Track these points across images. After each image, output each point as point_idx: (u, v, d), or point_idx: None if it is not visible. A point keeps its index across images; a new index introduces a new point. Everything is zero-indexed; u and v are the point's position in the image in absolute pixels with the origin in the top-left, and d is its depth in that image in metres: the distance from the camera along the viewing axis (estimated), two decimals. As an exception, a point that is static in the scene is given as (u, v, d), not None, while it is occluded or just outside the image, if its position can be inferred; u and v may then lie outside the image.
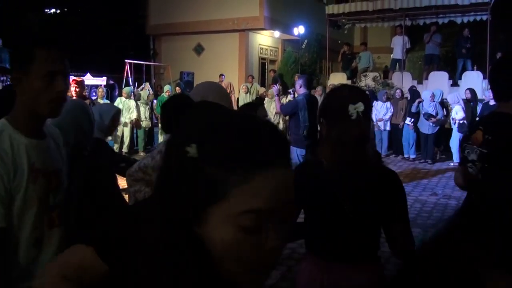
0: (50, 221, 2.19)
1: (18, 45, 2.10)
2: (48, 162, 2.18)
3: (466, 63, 17.21)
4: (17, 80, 2.06)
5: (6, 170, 2.00)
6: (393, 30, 20.76)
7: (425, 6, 17.25)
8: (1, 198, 1.97)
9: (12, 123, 2.10)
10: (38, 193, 2.10)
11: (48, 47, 2.07)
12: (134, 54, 21.68)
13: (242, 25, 20.86)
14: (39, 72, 2.02)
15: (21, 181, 2.04)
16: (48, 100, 2.05)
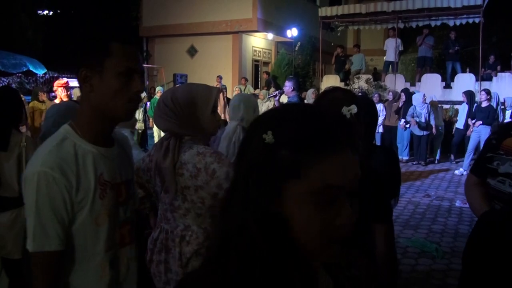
0: (122, 238, 1.97)
1: (90, 39, 1.87)
2: (117, 172, 1.94)
3: (455, 66, 17.29)
4: (86, 78, 1.81)
5: (67, 186, 1.73)
6: (386, 33, 20.83)
7: (417, 9, 17.30)
8: (60, 218, 1.73)
9: (77, 129, 1.85)
10: (107, 208, 1.86)
11: (125, 41, 1.85)
12: (127, 56, 21.59)
13: (235, 27, 20.87)
14: (115, 69, 1.79)
15: (86, 196, 1.79)
16: (125, 100, 1.82)
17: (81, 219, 1.78)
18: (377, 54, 23.02)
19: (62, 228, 1.74)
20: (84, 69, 1.80)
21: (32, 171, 1.72)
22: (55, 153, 1.75)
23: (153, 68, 23.03)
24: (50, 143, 1.80)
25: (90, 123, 1.86)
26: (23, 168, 3.56)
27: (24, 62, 15.94)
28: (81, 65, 1.82)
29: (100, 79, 1.79)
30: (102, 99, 1.81)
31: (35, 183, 1.69)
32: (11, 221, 3.61)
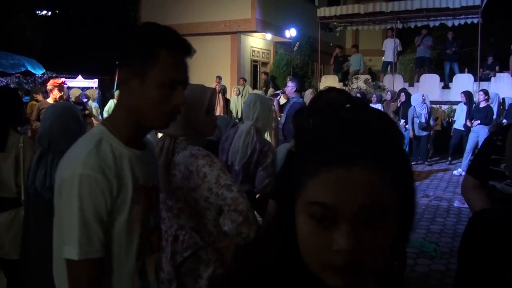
0: (151, 245, 1.90)
1: (138, 42, 1.73)
2: (149, 177, 1.87)
3: (453, 66, 17.32)
4: (126, 80, 1.72)
5: (109, 189, 1.65)
6: (385, 33, 20.86)
7: (416, 9, 17.32)
8: (103, 223, 1.64)
9: (112, 130, 1.76)
10: (140, 214, 1.78)
11: (175, 51, 1.74)
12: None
13: (234, 27, 20.86)
14: (159, 78, 1.68)
15: (125, 201, 1.71)
16: (162, 112, 1.73)
17: (119, 225, 1.71)
18: (376, 54, 23.03)
19: (104, 234, 1.65)
20: (125, 71, 1.72)
21: (72, 173, 1.62)
22: (95, 154, 1.66)
23: (151, 69, 23.01)
24: (86, 143, 1.71)
25: (126, 125, 1.77)
26: (20, 169, 3.55)
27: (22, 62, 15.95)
28: (122, 65, 1.74)
29: (140, 85, 1.70)
30: (139, 105, 1.72)
31: (77, 185, 1.60)
32: (9, 222, 3.61)
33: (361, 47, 21.64)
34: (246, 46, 22.40)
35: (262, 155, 3.79)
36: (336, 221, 0.85)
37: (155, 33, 1.73)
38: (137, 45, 1.73)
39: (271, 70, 22.26)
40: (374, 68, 23.16)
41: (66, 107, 3.06)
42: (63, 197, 1.64)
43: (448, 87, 16.85)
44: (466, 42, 19.01)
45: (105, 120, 1.83)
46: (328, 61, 21.30)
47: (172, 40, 1.73)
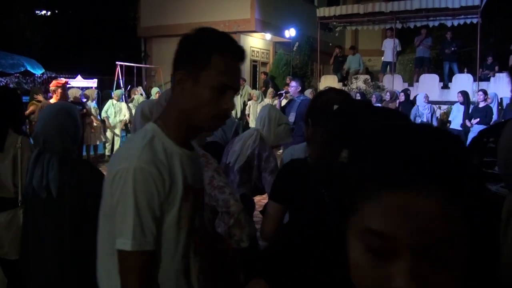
0: (196, 246, 1.91)
1: (195, 45, 1.81)
2: (197, 177, 1.91)
3: (452, 66, 17.33)
4: (181, 82, 1.78)
5: (162, 184, 1.68)
6: (384, 33, 20.86)
7: (415, 9, 17.33)
8: (155, 215, 1.67)
9: (163, 128, 1.81)
10: (188, 213, 1.81)
11: (230, 56, 1.80)
12: (125, 56, 21.61)
13: (233, 27, 20.85)
14: (211, 81, 1.74)
15: (175, 198, 1.74)
16: (211, 114, 1.77)
17: (168, 221, 1.74)
18: (375, 54, 23.05)
19: (156, 227, 1.69)
20: (181, 72, 1.78)
21: (126, 166, 1.66)
22: (149, 150, 1.70)
23: (151, 69, 23.01)
24: (139, 140, 1.75)
25: (177, 125, 1.82)
26: (18, 169, 3.56)
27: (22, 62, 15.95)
28: (179, 67, 1.80)
29: (193, 86, 1.75)
30: (189, 106, 1.77)
31: (132, 178, 1.63)
32: (8, 222, 3.61)
33: (360, 47, 21.69)
34: (246, 46, 22.39)
35: (264, 161, 3.76)
36: (396, 254, 0.71)
37: (212, 38, 1.80)
38: (194, 49, 1.79)
39: (271, 70, 22.28)
40: (374, 68, 23.17)
41: (62, 107, 3.05)
42: (116, 190, 1.67)
43: (447, 87, 16.86)
44: (465, 42, 19.03)
45: (158, 119, 1.87)
46: (327, 61, 21.31)
47: (227, 45, 1.80)
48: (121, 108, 14.14)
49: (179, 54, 1.84)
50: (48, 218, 2.83)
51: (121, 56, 20.97)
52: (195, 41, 1.82)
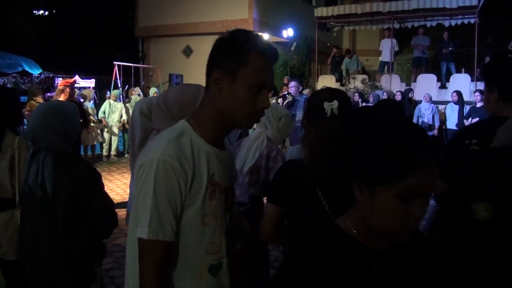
0: (227, 246, 1.93)
1: (234, 45, 1.83)
2: (226, 176, 1.94)
3: (450, 66, 17.36)
4: (218, 81, 1.81)
5: (184, 178, 1.73)
6: (382, 33, 20.88)
7: (413, 9, 17.35)
8: (175, 209, 1.73)
9: (194, 125, 1.86)
10: (215, 210, 1.85)
11: (266, 56, 1.83)
12: (122, 56, 21.60)
13: (231, 27, 20.12)
14: (249, 80, 1.77)
15: (198, 193, 1.79)
16: (248, 113, 1.81)
17: (190, 215, 1.77)
18: (373, 54, 23.07)
19: (175, 220, 1.73)
20: (218, 72, 1.81)
21: (151, 158, 1.72)
22: (174, 144, 1.75)
23: (148, 68, 23.01)
24: (167, 135, 1.81)
25: (210, 124, 1.85)
26: (15, 170, 3.55)
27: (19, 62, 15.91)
28: (215, 67, 1.84)
29: (230, 85, 1.78)
30: (227, 105, 1.80)
31: (154, 169, 1.70)
32: (5, 222, 3.60)
33: (358, 47, 21.71)
34: (244, 46, 22.38)
35: (272, 160, 3.74)
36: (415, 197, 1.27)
37: (249, 38, 1.83)
38: (231, 48, 1.82)
39: (269, 70, 22.27)
40: (372, 68, 23.19)
41: (50, 105, 3.05)
42: (140, 181, 1.73)
43: (445, 87, 16.88)
44: (463, 42, 19.07)
45: (190, 117, 1.90)
46: (325, 61, 21.32)
47: (264, 45, 1.84)
48: (118, 108, 14.12)
49: (215, 54, 1.88)
50: (43, 216, 2.84)
51: (119, 56, 20.97)
52: (232, 41, 1.85)
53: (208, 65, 1.89)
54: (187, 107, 2.63)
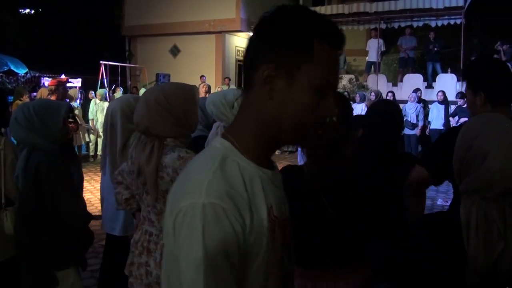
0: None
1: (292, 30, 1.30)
2: (283, 204, 1.41)
3: (436, 66, 17.46)
4: (267, 80, 1.29)
5: (241, 220, 1.19)
6: (369, 33, 20.94)
7: (400, 10, 17.43)
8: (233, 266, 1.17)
9: (238, 145, 1.32)
10: (278, 254, 1.33)
11: (335, 46, 1.34)
12: (109, 55, 21.48)
13: (218, 27, 20.82)
14: (313, 78, 1.28)
15: (260, 236, 1.24)
16: (308, 122, 1.30)
17: (253, 270, 1.24)
18: (360, 54, 23.08)
19: (236, 283, 1.19)
20: (268, 67, 1.29)
21: (191, 203, 1.17)
22: (221, 177, 1.22)
23: (135, 68, 22.92)
24: (206, 163, 1.27)
25: (256, 138, 1.34)
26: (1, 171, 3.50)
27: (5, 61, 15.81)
28: (262, 60, 1.31)
29: (287, 86, 1.28)
30: (281, 112, 1.30)
31: (199, 219, 1.15)
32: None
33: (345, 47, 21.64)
34: (231, 45, 22.38)
35: None
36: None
37: (314, 21, 1.33)
38: (289, 34, 1.30)
39: (256, 69, 22.28)
40: (359, 68, 23.27)
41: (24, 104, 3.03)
42: (179, 235, 1.17)
43: (431, 87, 16.97)
44: (449, 43, 19.16)
45: (228, 132, 1.39)
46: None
47: (334, 32, 1.35)
48: (104, 107, 14.07)
49: (262, 43, 1.35)
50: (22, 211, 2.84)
51: (106, 55, 20.86)
52: (289, 23, 1.33)
53: (250, 58, 1.38)
54: (190, 106, 2.63)
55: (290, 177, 2.42)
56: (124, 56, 23.67)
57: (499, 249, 1.72)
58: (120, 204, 2.95)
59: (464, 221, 1.81)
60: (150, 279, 2.52)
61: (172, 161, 2.45)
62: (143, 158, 2.47)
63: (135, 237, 2.68)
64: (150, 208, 2.56)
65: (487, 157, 1.82)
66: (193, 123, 2.67)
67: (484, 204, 1.77)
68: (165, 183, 2.45)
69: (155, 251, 2.52)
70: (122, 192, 2.92)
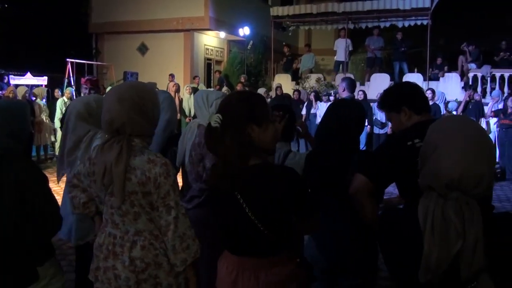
0: None
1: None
2: None
3: (402, 66, 17.73)
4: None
5: None
6: (337, 33, 21.13)
7: (367, 10, 17.61)
8: None
9: None
10: None
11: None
12: (76, 53, 21.21)
13: (187, 25, 20.74)
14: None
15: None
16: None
17: None
18: (328, 54, 23.29)
19: None
20: None
21: None
22: None
23: (103, 66, 22.68)
24: None
25: None
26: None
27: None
28: None
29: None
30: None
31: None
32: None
33: (313, 46, 21.89)
34: (200, 44, 22.33)
35: (200, 146, 3.56)
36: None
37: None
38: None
39: (225, 68, 22.29)
40: (327, 67, 23.47)
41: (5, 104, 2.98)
42: None
43: (398, 86, 17.20)
44: (416, 43, 19.45)
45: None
46: (281, 60, 21.45)
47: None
48: (72, 106, 13.88)
49: None
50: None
51: (72, 53, 20.59)
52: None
53: None
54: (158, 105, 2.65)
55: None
56: (91, 54, 23.38)
57: (457, 248, 1.75)
58: (77, 208, 2.89)
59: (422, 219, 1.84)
60: (119, 282, 2.49)
61: (142, 163, 2.42)
62: (110, 159, 2.43)
63: (98, 240, 2.62)
64: (114, 210, 2.51)
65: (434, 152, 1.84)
66: (157, 123, 2.68)
67: (442, 202, 1.80)
68: (132, 185, 2.42)
69: (122, 254, 2.48)
70: (78, 195, 2.86)
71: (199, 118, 3.78)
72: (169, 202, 2.43)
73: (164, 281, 2.49)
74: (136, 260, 2.46)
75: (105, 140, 2.53)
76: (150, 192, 2.42)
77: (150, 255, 2.47)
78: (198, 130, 3.65)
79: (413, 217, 1.87)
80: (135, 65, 20.95)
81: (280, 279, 2.32)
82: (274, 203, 2.23)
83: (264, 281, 2.30)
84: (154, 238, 2.49)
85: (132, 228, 2.50)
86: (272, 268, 2.32)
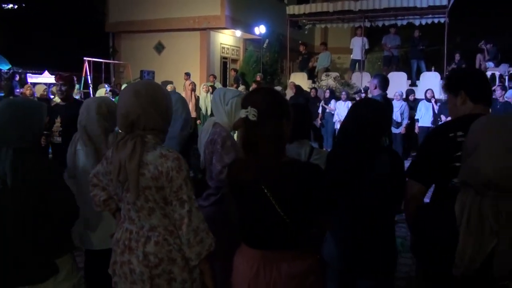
0: None
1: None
2: None
3: (420, 64, 17.58)
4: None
5: None
6: (353, 31, 21.02)
7: (384, 8, 17.46)
8: None
9: None
10: None
11: None
12: (93, 51, 21.34)
13: (203, 24, 20.78)
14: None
15: None
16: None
17: None
18: (344, 52, 23.18)
19: None
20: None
21: None
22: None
23: (119, 65, 22.80)
24: None
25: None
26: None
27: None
28: None
29: None
30: None
31: None
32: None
33: (329, 45, 21.78)
34: (216, 42, 22.35)
35: (213, 144, 3.59)
36: None
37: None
38: None
39: (241, 67, 22.28)
40: (343, 65, 23.35)
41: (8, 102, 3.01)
42: None
43: (415, 85, 17.06)
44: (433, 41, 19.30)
45: None
46: (297, 59, 21.41)
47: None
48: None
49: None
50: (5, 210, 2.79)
51: (89, 52, 20.73)
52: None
53: None
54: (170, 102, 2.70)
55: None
56: (108, 53, 23.53)
57: (491, 246, 1.75)
58: (99, 206, 2.95)
59: (458, 214, 1.84)
60: (134, 276, 2.53)
61: (154, 158, 2.46)
62: (125, 155, 2.47)
63: (116, 235, 2.68)
64: (130, 206, 2.56)
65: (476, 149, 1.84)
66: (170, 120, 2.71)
67: (479, 199, 1.80)
68: (145, 180, 2.46)
69: (136, 249, 2.52)
70: (99, 194, 2.92)
71: (215, 116, 3.81)
72: (182, 196, 2.46)
73: (179, 277, 2.53)
74: (150, 255, 2.50)
75: (120, 138, 2.57)
76: (163, 187, 2.45)
77: (164, 250, 2.50)
78: (213, 129, 3.68)
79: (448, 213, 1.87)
80: (152, 64, 21.03)
81: (301, 271, 2.37)
82: (301, 198, 2.27)
83: (286, 272, 2.35)
84: (168, 234, 2.52)
85: (147, 223, 2.53)
86: (294, 261, 2.37)
